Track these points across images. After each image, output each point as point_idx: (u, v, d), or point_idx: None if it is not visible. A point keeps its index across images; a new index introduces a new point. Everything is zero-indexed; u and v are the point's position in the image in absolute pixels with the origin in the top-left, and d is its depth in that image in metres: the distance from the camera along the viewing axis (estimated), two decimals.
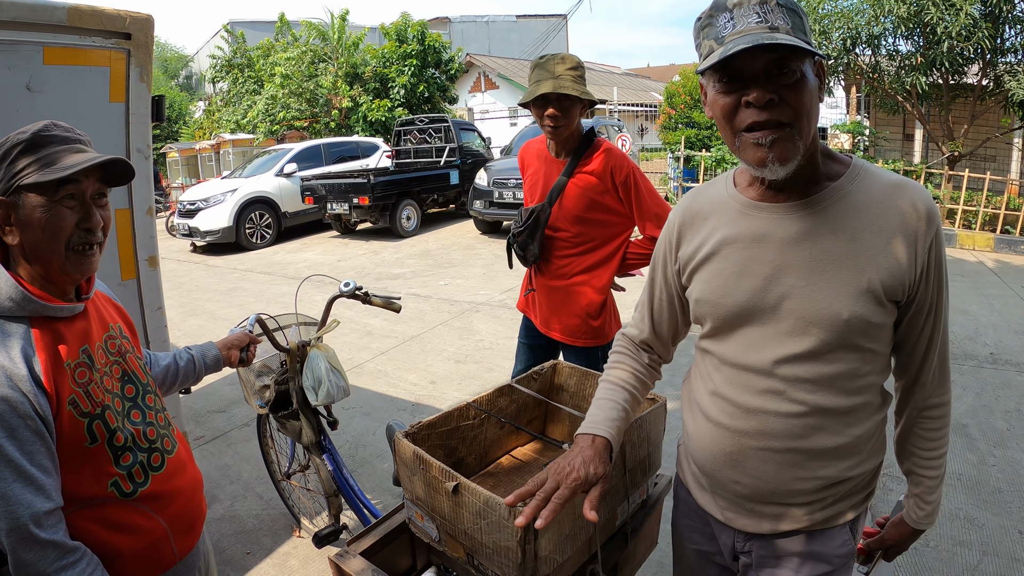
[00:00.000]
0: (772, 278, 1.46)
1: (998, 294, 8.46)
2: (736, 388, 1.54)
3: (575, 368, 2.38)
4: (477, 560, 1.71)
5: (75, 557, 1.44)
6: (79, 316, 1.60)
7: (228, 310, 8.99)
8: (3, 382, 1.37)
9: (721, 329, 1.57)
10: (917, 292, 1.43)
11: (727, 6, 1.32)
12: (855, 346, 1.43)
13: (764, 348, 1.48)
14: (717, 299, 1.54)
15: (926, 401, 1.57)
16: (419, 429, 1.95)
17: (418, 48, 23.73)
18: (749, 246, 1.49)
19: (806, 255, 1.42)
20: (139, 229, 3.11)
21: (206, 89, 38.20)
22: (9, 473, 1.36)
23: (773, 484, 1.52)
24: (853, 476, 1.52)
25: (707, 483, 1.68)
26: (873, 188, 1.42)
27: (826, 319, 1.41)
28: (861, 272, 1.39)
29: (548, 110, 2.88)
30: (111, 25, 2.86)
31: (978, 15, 10.70)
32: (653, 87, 38.19)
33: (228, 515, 4.02)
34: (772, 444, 1.50)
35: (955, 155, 13.00)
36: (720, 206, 1.58)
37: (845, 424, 1.48)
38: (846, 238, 1.40)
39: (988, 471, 4.21)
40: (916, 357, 1.53)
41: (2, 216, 1.47)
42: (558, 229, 3.07)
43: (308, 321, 3.26)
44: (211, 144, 23.42)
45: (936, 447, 1.59)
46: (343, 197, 13.60)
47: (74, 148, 1.52)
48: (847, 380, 1.45)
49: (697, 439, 1.67)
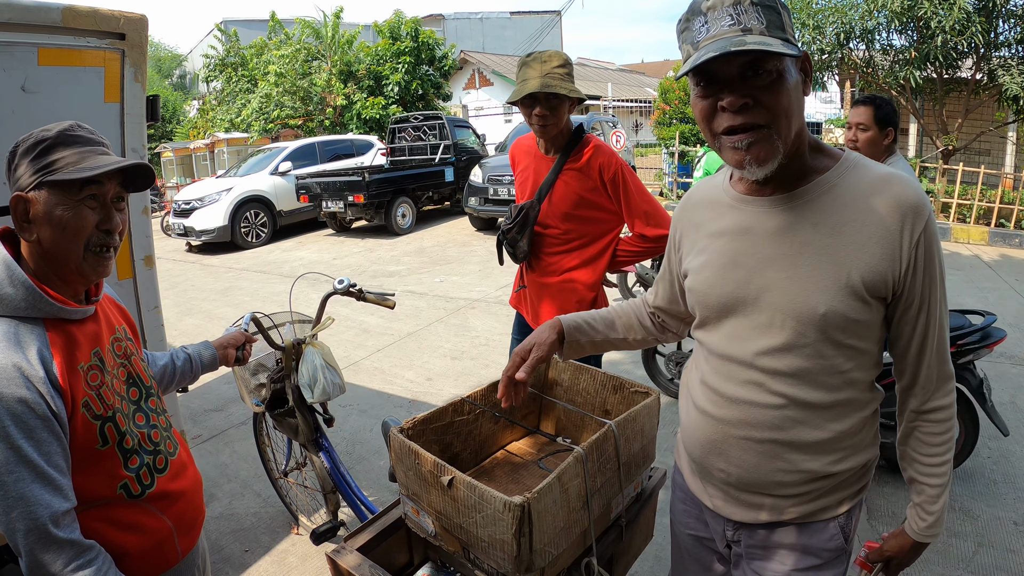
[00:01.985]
0: (755, 270, 1.47)
1: (993, 287, 8.49)
2: (721, 378, 1.56)
3: (568, 363, 2.40)
4: (473, 554, 1.73)
5: (91, 556, 1.45)
6: (90, 318, 1.61)
7: (224, 309, 8.99)
8: (21, 383, 1.37)
9: (709, 319, 1.59)
10: (905, 288, 1.40)
11: (701, 10, 1.31)
12: (834, 341, 1.42)
13: (746, 339, 1.49)
14: (706, 289, 1.56)
15: (926, 404, 1.51)
16: (414, 425, 1.96)
17: (412, 45, 23.74)
18: (736, 239, 1.51)
19: (787, 248, 1.43)
20: (135, 229, 3.12)
21: (200, 88, 38.12)
22: (28, 474, 1.37)
23: (755, 474, 1.53)
24: (839, 471, 1.51)
25: (697, 470, 1.70)
26: (860, 182, 1.40)
27: (802, 313, 1.40)
28: (841, 266, 1.38)
29: (536, 108, 2.88)
30: (105, 25, 2.87)
31: (971, 9, 10.72)
32: (647, 83, 38.14)
33: (226, 513, 4.04)
34: (753, 434, 1.51)
35: (949, 149, 13.02)
36: (714, 199, 1.60)
37: (826, 419, 1.47)
38: (827, 231, 1.39)
39: (983, 463, 4.24)
40: (911, 356, 1.49)
41: (21, 212, 1.47)
42: (547, 226, 3.08)
43: (303, 319, 3.27)
44: (205, 143, 23.38)
45: (938, 453, 1.52)
46: (338, 195, 13.60)
47: (98, 150, 1.53)
48: (826, 375, 1.45)
49: (687, 426, 1.70)
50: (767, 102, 1.30)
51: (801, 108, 1.37)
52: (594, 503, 1.81)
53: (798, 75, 1.34)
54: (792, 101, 1.32)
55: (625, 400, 2.19)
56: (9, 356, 1.39)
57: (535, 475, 2.18)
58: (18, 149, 1.48)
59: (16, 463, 1.36)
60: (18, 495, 1.36)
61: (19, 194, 1.46)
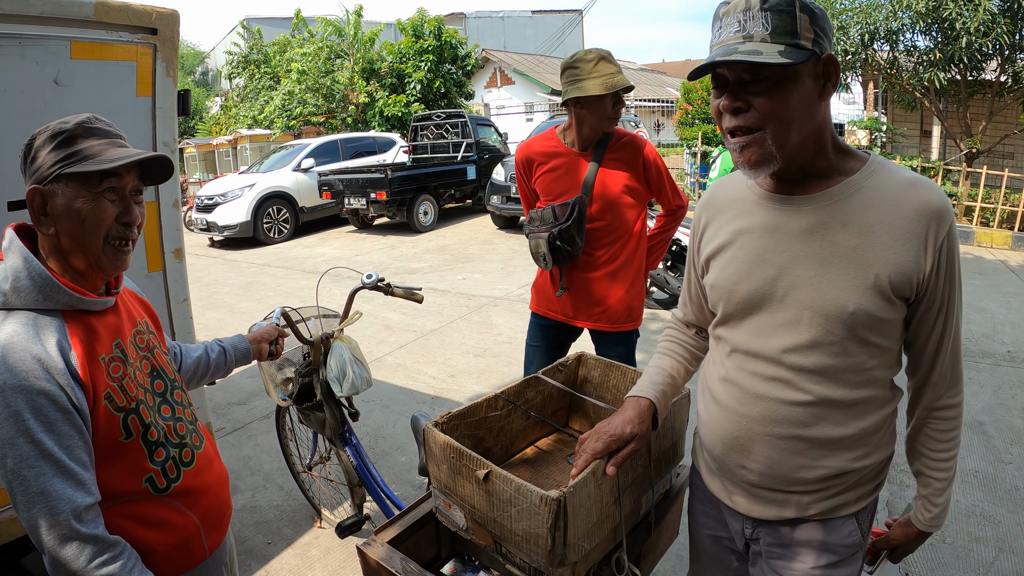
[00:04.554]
0: (784, 268, 1.49)
1: (1016, 292, 8.39)
2: (745, 374, 1.57)
3: (599, 360, 2.40)
4: (505, 548, 1.73)
5: (116, 551, 1.42)
6: (110, 310, 1.59)
7: (246, 304, 9.06)
8: (41, 375, 1.35)
9: (733, 316, 1.60)
10: (927, 290, 1.43)
11: (719, 15, 1.38)
12: (861, 339, 1.44)
13: (772, 336, 1.51)
14: (731, 285, 1.57)
15: (937, 401, 1.57)
16: (448, 419, 1.96)
17: (434, 44, 23.77)
18: (763, 235, 1.53)
19: (816, 247, 1.45)
20: (165, 222, 3.15)
21: (223, 85, 38.30)
22: (49, 468, 1.34)
23: (778, 470, 1.55)
24: (858, 468, 1.54)
25: (716, 467, 1.72)
26: (887, 185, 1.43)
27: (831, 310, 1.43)
28: (869, 267, 1.40)
29: (616, 104, 3.03)
30: (137, 20, 2.89)
31: (997, 10, 10.58)
32: (669, 83, 38.05)
33: (249, 506, 4.06)
34: (777, 430, 1.52)
35: (973, 152, 12.88)
36: (739, 196, 1.62)
37: (850, 416, 1.50)
38: (856, 232, 1.42)
39: (1004, 468, 4.19)
40: (927, 356, 1.53)
41: (39, 205, 1.45)
42: (593, 219, 3.13)
43: (328, 313, 3.28)
44: (228, 139, 23.51)
45: (946, 448, 1.58)
46: (360, 192, 13.66)
47: (116, 143, 1.51)
48: (852, 373, 1.47)
49: (708, 424, 1.70)
50: (760, 107, 1.35)
51: (813, 112, 1.39)
52: (625, 499, 1.81)
53: (812, 80, 1.37)
54: (794, 106, 1.35)
55: None
56: (28, 348, 1.36)
57: (565, 471, 2.18)
58: (35, 141, 1.46)
59: (37, 457, 1.34)
60: (39, 490, 1.33)
61: (36, 187, 1.44)
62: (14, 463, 1.33)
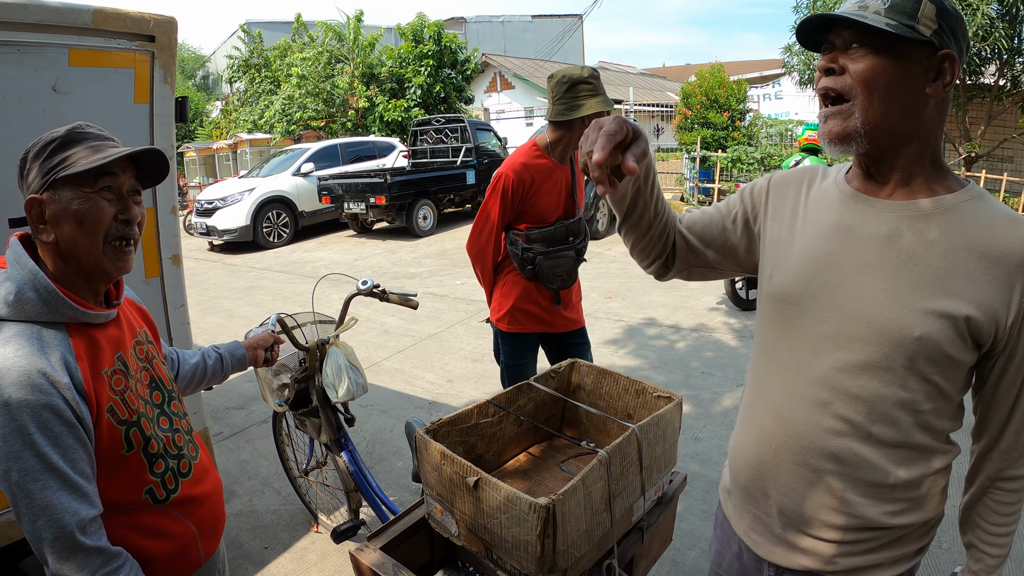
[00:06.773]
0: (849, 274, 1.36)
1: None
2: (784, 394, 1.45)
3: (592, 367, 2.41)
4: (496, 554, 1.73)
5: (119, 562, 1.43)
6: (112, 322, 1.60)
7: (246, 308, 9.07)
8: (47, 389, 1.35)
9: (780, 319, 1.48)
10: (1007, 341, 1.28)
11: None
12: (920, 374, 1.30)
13: (820, 350, 1.38)
14: (788, 281, 1.45)
15: (1003, 472, 1.38)
16: (440, 426, 1.97)
17: (434, 48, 23.79)
18: (835, 235, 1.40)
19: (891, 257, 1.32)
20: (163, 227, 3.16)
21: (223, 89, 38.38)
22: (54, 481, 1.35)
23: (803, 507, 1.43)
24: (896, 525, 1.39)
25: (742, 498, 1.61)
26: (986, 213, 1.29)
27: (893, 331, 1.29)
28: (947, 292, 1.26)
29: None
30: (135, 27, 2.90)
31: (995, 15, 10.63)
32: (669, 87, 38.01)
33: (246, 510, 4.07)
34: (808, 460, 1.40)
35: (972, 156, 12.92)
36: (823, 191, 1.49)
37: (891, 460, 1.35)
38: (941, 252, 1.28)
39: None
40: (997, 417, 1.36)
41: (37, 214, 1.45)
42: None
43: (325, 319, 3.29)
44: (228, 144, 23.49)
45: (1006, 523, 1.41)
46: (360, 196, 13.69)
47: (108, 144, 1.51)
48: (903, 411, 1.32)
49: (737, 447, 1.62)
50: (853, 73, 1.28)
51: (913, 103, 1.29)
52: (616, 506, 1.82)
53: (921, 70, 1.27)
54: (888, 84, 1.26)
55: (647, 404, 2.20)
56: (33, 362, 1.36)
57: (557, 478, 2.19)
58: (28, 155, 1.47)
59: (42, 471, 1.34)
60: (44, 503, 1.34)
61: (33, 196, 1.45)
62: (19, 476, 1.33)
